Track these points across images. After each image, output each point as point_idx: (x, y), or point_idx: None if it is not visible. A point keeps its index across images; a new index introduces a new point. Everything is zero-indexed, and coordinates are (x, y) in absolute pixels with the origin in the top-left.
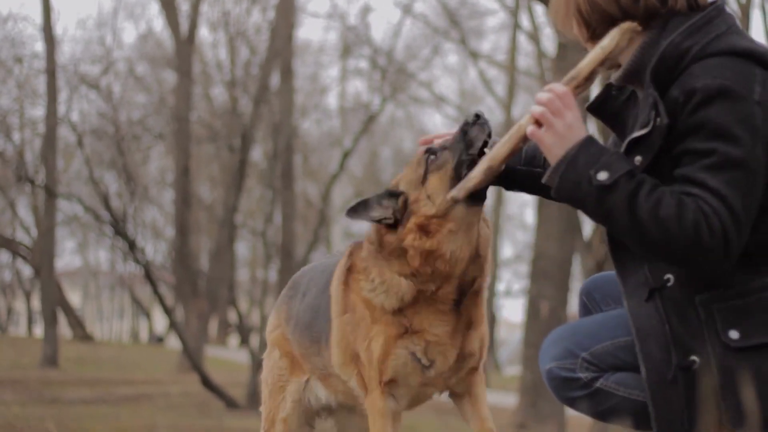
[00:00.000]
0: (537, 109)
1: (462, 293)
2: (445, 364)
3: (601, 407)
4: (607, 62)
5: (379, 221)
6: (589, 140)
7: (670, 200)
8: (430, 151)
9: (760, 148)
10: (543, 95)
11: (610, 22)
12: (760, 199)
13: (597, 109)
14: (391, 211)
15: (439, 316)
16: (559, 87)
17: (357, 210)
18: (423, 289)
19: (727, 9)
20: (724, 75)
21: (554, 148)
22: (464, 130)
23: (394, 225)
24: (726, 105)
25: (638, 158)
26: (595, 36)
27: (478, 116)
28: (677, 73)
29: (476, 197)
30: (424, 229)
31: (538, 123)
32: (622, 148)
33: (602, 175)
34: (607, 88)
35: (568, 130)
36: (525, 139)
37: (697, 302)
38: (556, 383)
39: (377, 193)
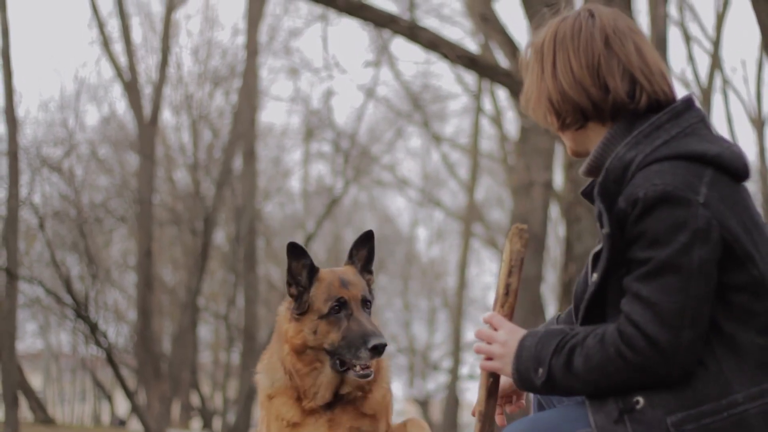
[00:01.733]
0: (476, 345)
1: (333, 404)
2: None
3: None
4: (514, 270)
5: (289, 280)
6: (520, 349)
7: (592, 345)
8: (339, 302)
9: (705, 250)
10: (477, 330)
11: (581, 114)
12: (709, 298)
13: (588, 194)
14: (299, 289)
15: (313, 415)
16: (486, 314)
17: (295, 251)
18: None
19: (692, 107)
20: (665, 180)
21: (504, 368)
22: (366, 340)
23: (298, 301)
24: (665, 211)
25: (594, 275)
26: (565, 126)
27: (376, 348)
28: (624, 184)
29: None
30: (298, 353)
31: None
32: (588, 265)
33: (540, 373)
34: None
35: (503, 348)
36: (488, 374)
37: (668, 424)
38: None
39: (310, 259)
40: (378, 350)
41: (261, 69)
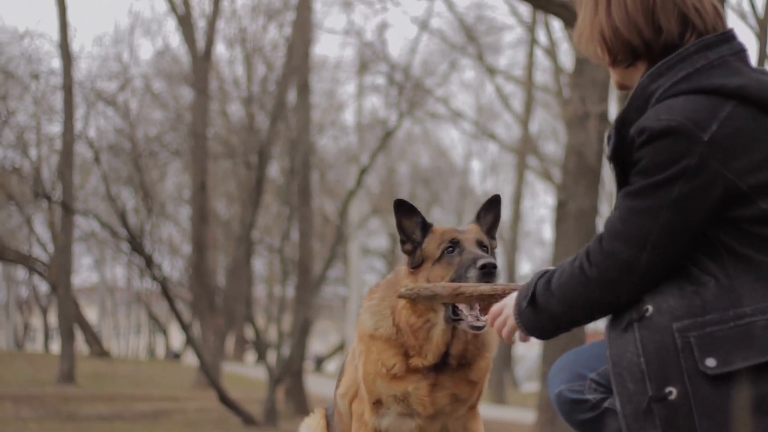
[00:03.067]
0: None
1: (440, 367)
2: (425, 412)
3: (609, 429)
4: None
5: (402, 237)
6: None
7: (567, 263)
8: (452, 243)
9: (689, 186)
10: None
11: (632, 53)
12: (683, 233)
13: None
14: (413, 245)
15: (416, 374)
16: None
17: (403, 208)
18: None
19: (728, 39)
20: (672, 116)
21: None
22: (475, 261)
23: (412, 254)
24: (663, 145)
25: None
26: (616, 62)
27: (485, 267)
28: (643, 114)
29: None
30: (412, 304)
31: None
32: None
33: (527, 296)
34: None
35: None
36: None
37: (674, 330)
38: (566, 407)
39: (422, 215)
40: (487, 268)
41: (315, 1)
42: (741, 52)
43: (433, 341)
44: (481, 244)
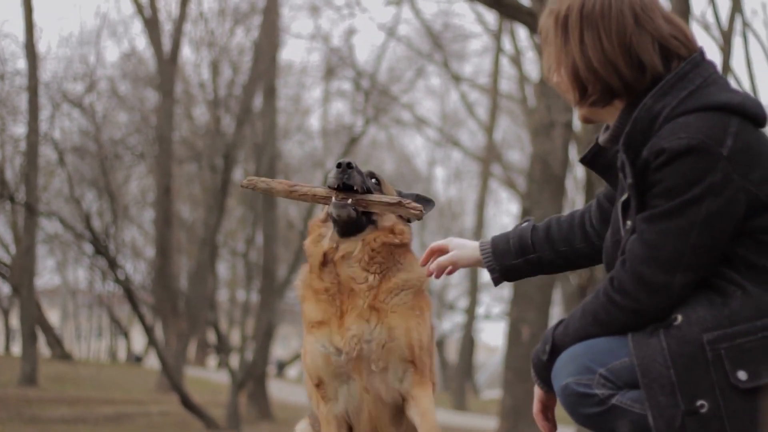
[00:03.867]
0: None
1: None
2: (347, 345)
3: (614, 424)
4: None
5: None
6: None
7: (587, 301)
8: (341, 163)
9: (716, 203)
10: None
11: (609, 92)
12: (713, 249)
13: (589, 162)
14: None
15: (321, 305)
16: None
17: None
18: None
19: (705, 57)
20: (690, 133)
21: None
22: (338, 164)
23: None
24: (686, 164)
25: (628, 222)
26: (587, 102)
27: (340, 165)
28: (650, 135)
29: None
30: (312, 232)
31: None
32: (618, 214)
33: (546, 348)
34: (597, 143)
35: None
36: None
37: (704, 341)
38: (572, 399)
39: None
40: (341, 166)
41: (282, 6)
42: (716, 67)
43: (322, 245)
44: (371, 176)
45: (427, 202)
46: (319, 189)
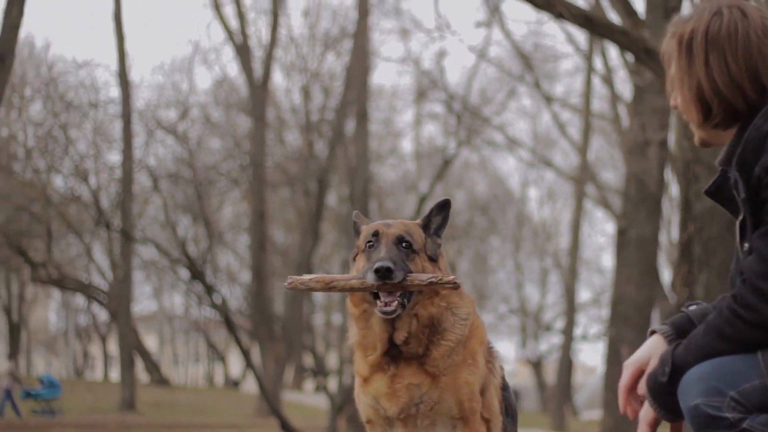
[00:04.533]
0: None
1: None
2: (391, 409)
3: None
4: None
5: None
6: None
7: (710, 319)
8: (373, 236)
9: None
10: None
11: (734, 114)
12: None
13: (713, 193)
14: (356, 248)
15: (380, 372)
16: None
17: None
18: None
19: None
20: None
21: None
22: (373, 265)
23: None
24: None
25: (745, 244)
26: (711, 124)
27: (378, 271)
28: (762, 154)
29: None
30: (353, 297)
31: None
32: (737, 238)
33: (665, 370)
34: (721, 174)
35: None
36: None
37: None
38: (702, 420)
39: (354, 221)
40: (378, 271)
41: (372, 30)
42: None
43: (374, 329)
44: (400, 240)
45: (442, 207)
46: (354, 282)
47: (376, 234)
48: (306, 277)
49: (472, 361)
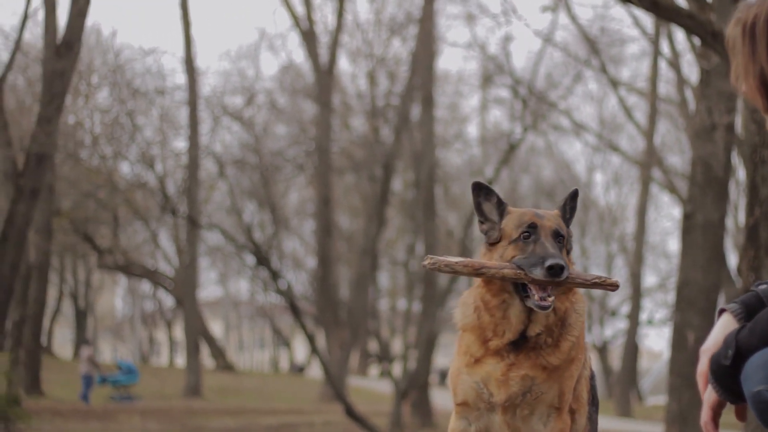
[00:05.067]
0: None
1: (518, 348)
2: (499, 395)
3: None
4: None
5: (480, 218)
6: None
7: (762, 314)
8: (530, 227)
9: None
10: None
11: None
12: None
13: None
14: (491, 225)
15: (496, 356)
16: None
17: (480, 190)
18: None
19: None
20: None
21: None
22: (544, 260)
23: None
24: None
25: None
26: None
27: (552, 268)
28: None
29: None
30: (487, 282)
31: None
32: None
33: (729, 353)
34: None
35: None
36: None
37: None
38: (764, 407)
39: (497, 195)
40: (554, 269)
41: (438, 15)
42: None
43: (511, 320)
44: (557, 234)
45: (573, 197)
46: (507, 271)
47: (533, 226)
48: (452, 259)
49: (582, 356)
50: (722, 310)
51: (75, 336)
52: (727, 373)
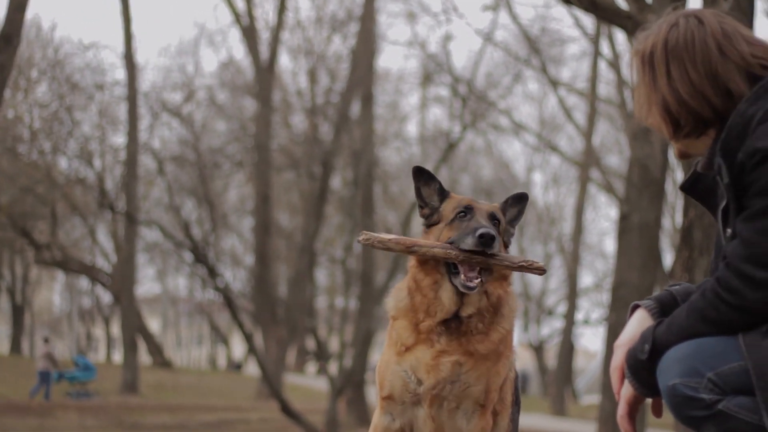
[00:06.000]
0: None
1: (449, 330)
2: (428, 381)
3: (718, 429)
4: None
5: (420, 203)
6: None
7: (693, 299)
8: (466, 209)
9: None
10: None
11: (701, 122)
12: None
13: (689, 189)
14: (431, 209)
15: (426, 343)
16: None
17: (421, 174)
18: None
19: None
20: None
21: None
22: (475, 230)
23: (427, 223)
24: None
25: (728, 230)
26: (681, 134)
27: (483, 236)
28: (745, 139)
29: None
30: (420, 263)
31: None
32: (719, 224)
33: (645, 348)
34: (695, 170)
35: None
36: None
37: None
38: (678, 401)
39: (439, 182)
40: (484, 237)
41: (379, 13)
42: None
43: (443, 301)
44: (493, 217)
45: (519, 199)
46: (437, 250)
47: (470, 207)
48: (385, 236)
49: (510, 354)
50: (636, 306)
51: (12, 332)
52: (644, 367)
